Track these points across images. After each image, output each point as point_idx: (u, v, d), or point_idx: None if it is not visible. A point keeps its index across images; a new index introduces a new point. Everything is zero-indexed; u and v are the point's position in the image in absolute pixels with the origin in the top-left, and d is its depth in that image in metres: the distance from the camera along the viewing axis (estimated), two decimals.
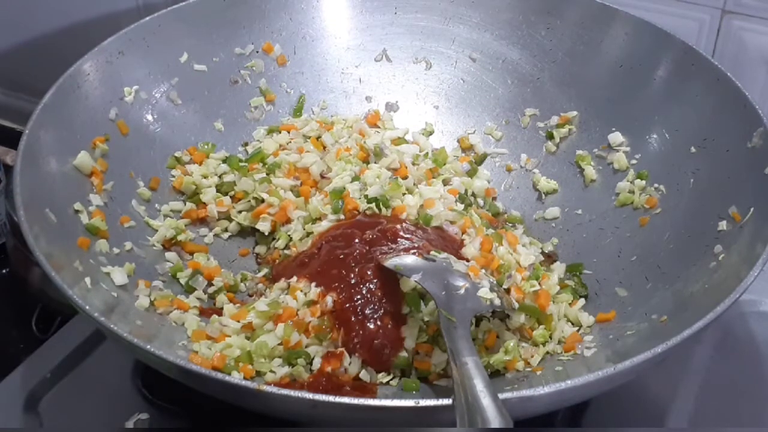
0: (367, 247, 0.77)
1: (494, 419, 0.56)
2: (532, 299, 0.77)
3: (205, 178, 0.90)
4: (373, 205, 0.84)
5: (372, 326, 0.73)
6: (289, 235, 0.85)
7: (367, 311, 0.73)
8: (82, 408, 0.79)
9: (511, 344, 0.74)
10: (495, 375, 0.73)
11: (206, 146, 0.93)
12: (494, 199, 0.93)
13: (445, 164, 0.94)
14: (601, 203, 0.90)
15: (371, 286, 0.74)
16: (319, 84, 0.99)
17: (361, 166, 0.90)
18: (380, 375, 0.73)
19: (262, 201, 0.88)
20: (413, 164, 0.92)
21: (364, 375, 0.72)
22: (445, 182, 0.91)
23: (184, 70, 0.93)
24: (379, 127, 0.97)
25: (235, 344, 0.72)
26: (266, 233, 0.87)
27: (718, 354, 0.84)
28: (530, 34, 0.97)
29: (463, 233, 0.83)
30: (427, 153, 0.95)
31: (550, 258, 0.87)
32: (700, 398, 0.80)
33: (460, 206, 0.87)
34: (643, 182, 0.87)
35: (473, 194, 0.92)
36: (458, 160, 0.95)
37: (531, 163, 0.95)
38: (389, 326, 0.73)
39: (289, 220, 0.86)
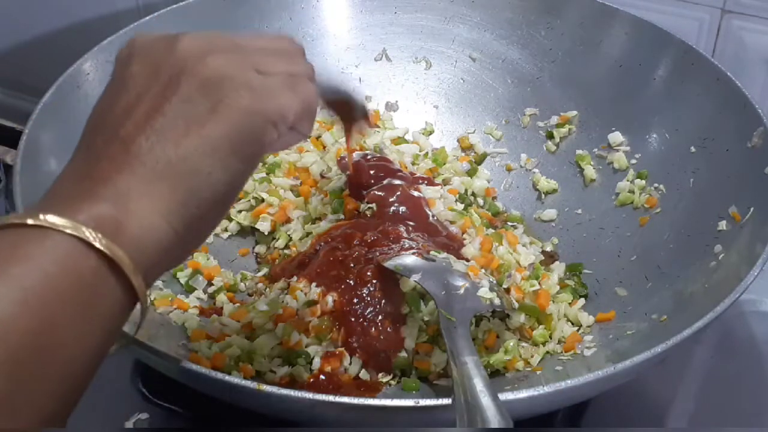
0: (366, 249, 0.77)
1: (494, 419, 0.56)
2: (532, 299, 0.77)
3: None
4: (373, 205, 0.84)
5: (372, 328, 0.73)
6: (288, 235, 0.85)
7: (368, 313, 0.73)
8: (82, 408, 0.78)
9: (511, 344, 0.74)
10: (495, 375, 0.73)
11: None
12: (494, 198, 0.93)
13: (444, 164, 0.94)
14: (601, 203, 0.90)
15: (371, 287, 0.74)
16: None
17: None
18: (380, 375, 0.73)
19: (262, 200, 0.88)
20: (413, 164, 0.92)
21: (364, 375, 0.72)
22: (445, 182, 0.91)
23: None
24: (378, 127, 0.97)
25: (235, 344, 0.72)
26: (266, 233, 0.86)
27: (718, 354, 0.84)
28: (530, 34, 0.97)
29: (463, 233, 0.83)
30: (427, 153, 0.95)
31: (551, 257, 0.87)
32: (700, 398, 0.80)
33: (460, 206, 0.87)
34: (643, 182, 0.87)
35: (473, 194, 0.92)
36: (458, 160, 0.95)
37: (531, 162, 0.95)
38: (389, 329, 0.73)
39: (288, 220, 0.86)
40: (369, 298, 0.73)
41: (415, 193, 0.84)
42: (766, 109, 0.80)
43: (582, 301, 0.81)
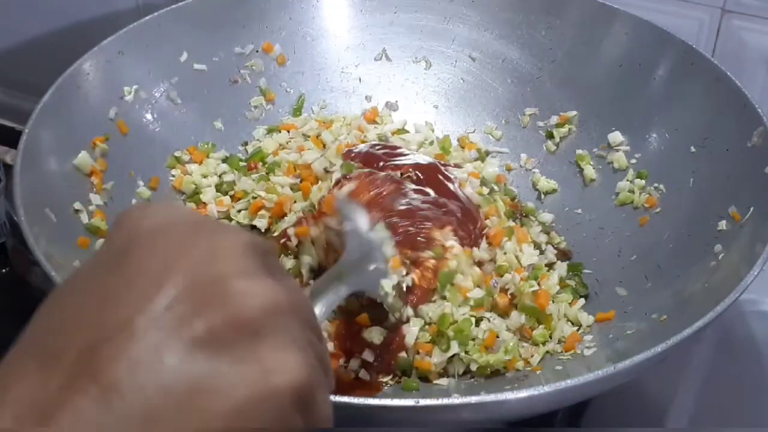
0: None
1: None
2: (532, 299, 0.77)
3: (204, 177, 0.90)
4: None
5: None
6: (285, 229, 0.85)
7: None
8: None
9: (511, 344, 0.74)
10: (495, 375, 0.73)
11: (206, 146, 0.93)
12: (505, 185, 0.93)
13: (449, 152, 0.93)
14: (601, 203, 0.90)
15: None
16: (318, 83, 0.99)
17: None
18: (380, 375, 0.73)
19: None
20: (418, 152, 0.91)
21: (364, 374, 0.72)
22: (457, 167, 0.90)
23: (183, 70, 0.93)
24: (377, 123, 0.97)
25: None
26: (263, 230, 0.86)
27: (718, 354, 0.84)
28: (530, 34, 0.97)
29: (486, 218, 0.82)
30: (432, 141, 0.94)
31: (564, 254, 0.86)
32: (700, 398, 0.80)
33: (486, 190, 0.86)
34: (643, 182, 0.87)
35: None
36: (464, 149, 0.94)
37: (531, 162, 0.95)
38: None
39: (284, 215, 0.85)
40: None
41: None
42: (766, 109, 0.80)
43: (582, 301, 0.81)
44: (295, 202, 0.86)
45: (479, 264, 0.79)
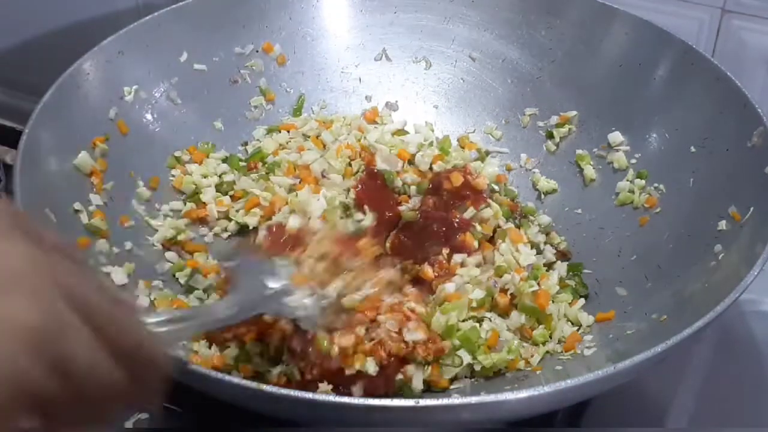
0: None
1: None
2: (532, 299, 0.77)
3: (205, 177, 0.90)
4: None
5: None
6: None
7: None
8: None
9: (514, 344, 0.74)
10: (495, 375, 0.73)
11: (206, 146, 0.93)
12: (505, 185, 0.93)
13: (449, 152, 0.93)
14: (601, 203, 0.90)
15: None
16: (318, 83, 1.00)
17: None
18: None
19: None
20: (418, 151, 0.91)
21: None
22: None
23: (184, 70, 0.93)
24: (377, 123, 0.97)
25: (234, 344, 0.72)
26: (253, 227, 0.86)
27: (718, 354, 0.84)
28: (530, 34, 0.97)
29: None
30: (431, 142, 0.94)
31: (563, 255, 0.86)
32: (700, 398, 0.80)
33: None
34: (643, 182, 0.87)
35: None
36: (464, 149, 0.94)
37: (531, 162, 0.95)
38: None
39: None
40: None
41: None
42: (766, 109, 0.80)
43: (582, 301, 0.81)
44: (287, 203, 0.86)
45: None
